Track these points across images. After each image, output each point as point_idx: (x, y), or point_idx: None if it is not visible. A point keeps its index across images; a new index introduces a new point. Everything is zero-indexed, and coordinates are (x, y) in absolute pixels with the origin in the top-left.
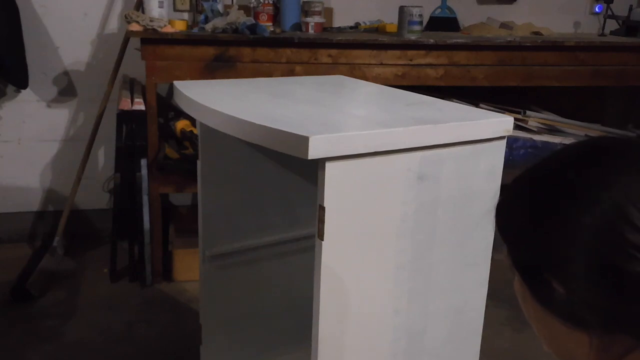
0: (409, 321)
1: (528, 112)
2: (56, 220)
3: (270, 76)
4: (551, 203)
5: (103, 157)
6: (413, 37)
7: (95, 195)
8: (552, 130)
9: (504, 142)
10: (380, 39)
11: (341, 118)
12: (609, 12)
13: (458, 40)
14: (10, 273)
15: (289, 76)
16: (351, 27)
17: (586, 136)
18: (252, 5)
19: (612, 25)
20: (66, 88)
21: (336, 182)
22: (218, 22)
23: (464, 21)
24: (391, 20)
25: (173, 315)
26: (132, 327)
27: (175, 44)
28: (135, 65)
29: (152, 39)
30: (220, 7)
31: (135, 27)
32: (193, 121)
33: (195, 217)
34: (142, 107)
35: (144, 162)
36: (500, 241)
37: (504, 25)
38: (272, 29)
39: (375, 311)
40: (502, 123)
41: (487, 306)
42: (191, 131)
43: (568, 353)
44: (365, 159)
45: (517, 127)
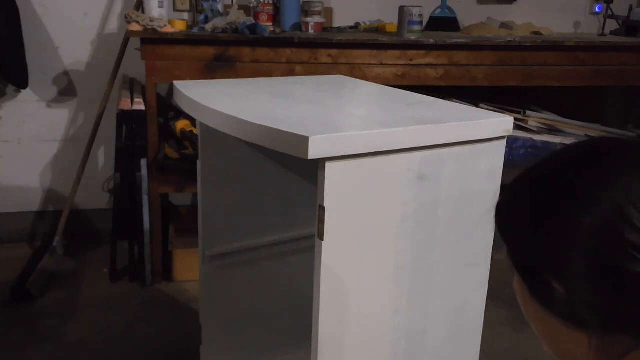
0: (409, 321)
1: (528, 112)
2: (56, 220)
3: (270, 76)
4: (551, 203)
5: (103, 157)
6: (413, 37)
7: (95, 195)
8: (552, 130)
9: (504, 142)
10: (380, 39)
11: (341, 118)
12: (609, 12)
13: (458, 40)
14: (10, 273)
15: (289, 76)
16: (351, 27)
17: (586, 136)
18: (252, 5)
19: (612, 25)
20: (66, 88)
21: (336, 182)
22: (218, 22)
23: (464, 21)
24: (391, 20)
25: (173, 315)
26: (132, 327)
27: (175, 44)
28: (135, 65)
29: (152, 39)
30: (220, 7)
31: (135, 27)
32: (193, 121)
33: (195, 217)
34: (142, 107)
35: (144, 162)
36: (500, 241)
37: (504, 25)
38: (272, 29)
39: (375, 311)
40: (502, 123)
41: (487, 306)
42: (191, 131)
43: (568, 353)
44: (365, 159)
45: (517, 127)
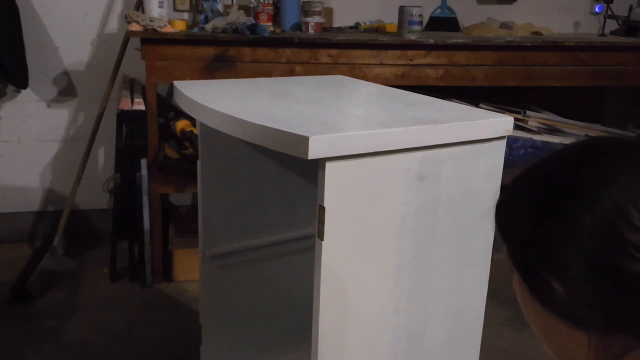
0: (409, 321)
1: (528, 112)
2: (56, 220)
3: (270, 76)
4: (551, 203)
5: (103, 157)
6: (413, 37)
7: (95, 195)
8: (552, 130)
9: (504, 142)
10: (380, 39)
11: (341, 118)
12: (609, 12)
13: (458, 40)
14: (10, 273)
15: (289, 76)
16: (351, 27)
17: (586, 136)
18: (252, 5)
19: (612, 25)
20: (66, 88)
21: (336, 182)
22: (218, 22)
23: (464, 21)
24: (391, 20)
25: (173, 315)
26: (132, 327)
27: (175, 44)
28: (135, 65)
29: (152, 39)
30: (220, 7)
31: (135, 27)
32: (193, 121)
33: (195, 217)
34: (142, 107)
35: (144, 162)
36: (500, 241)
37: (504, 25)
38: (272, 29)
39: (375, 311)
40: (502, 123)
41: (487, 306)
42: (191, 131)
43: (568, 352)
44: (365, 159)
45: (517, 127)
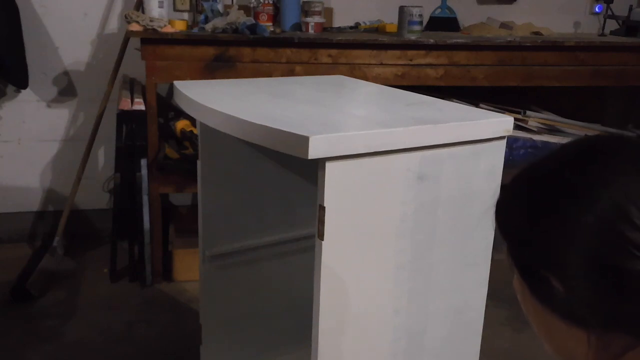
0: (409, 321)
1: (528, 112)
2: (56, 220)
3: (270, 76)
4: (549, 202)
5: (103, 157)
6: (413, 37)
7: (95, 195)
8: (552, 130)
9: (504, 142)
10: (380, 39)
11: (341, 118)
12: (609, 12)
13: (458, 40)
14: (10, 273)
15: (289, 76)
16: (351, 27)
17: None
18: (252, 5)
19: (612, 25)
20: (66, 88)
21: (336, 182)
22: (218, 22)
23: (464, 21)
24: (391, 20)
25: (173, 315)
26: (132, 327)
27: (175, 44)
28: (135, 65)
29: (152, 39)
30: (220, 7)
31: (135, 27)
32: (193, 121)
33: (195, 217)
34: (142, 107)
35: (144, 162)
36: (500, 241)
37: (504, 25)
38: (272, 29)
39: (375, 311)
40: (502, 123)
41: (487, 306)
42: (191, 131)
43: (567, 351)
44: (365, 159)
45: (517, 127)
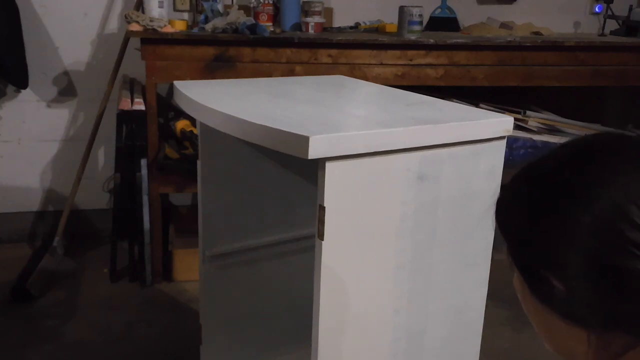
0: (409, 321)
1: (528, 112)
2: (56, 220)
3: (270, 76)
4: (548, 201)
5: (103, 157)
6: (413, 37)
7: (95, 195)
8: (552, 130)
9: (504, 142)
10: (380, 39)
11: (341, 118)
12: (609, 12)
13: (458, 40)
14: (10, 273)
15: (289, 76)
16: (351, 27)
17: None
18: (252, 5)
19: (612, 25)
20: (66, 88)
21: (336, 182)
22: (218, 22)
23: (464, 21)
24: (391, 20)
25: (173, 315)
26: (132, 327)
27: (175, 44)
28: (135, 65)
29: (152, 39)
30: (220, 7)
31: (135, 27)
32: (193, 121)
33: (195, 217)
34: (142, 107)
35: (144, 162)
36: (500, 241)
37: (504, 25)
38: (272, 29)
39: (375, 311)
40: (502, 123)
41: (487, 306)
42: (191, 131)
43: (568, 350)
44: (365, 159)
45: (517, 127)
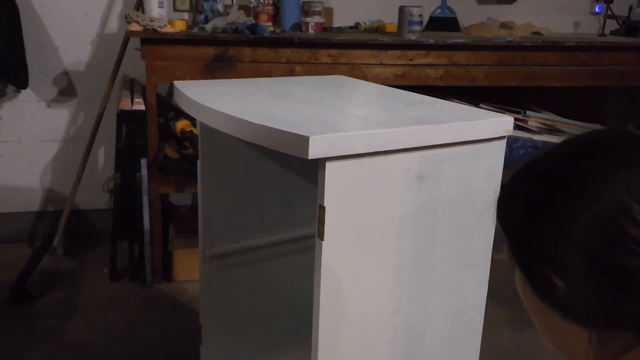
0: (409, 321)
1: (528, 112)
2: (56, 220)
3: (270, 76)
4: (548, 199)
5: (103, 157)
6: (413, 37)
7: (95, 195)
8: (552, 130)
9: (504, 142)
10: (380, 39)
11: (341, 118)
12: (609, 12)
13: (458, 40)
14: (10, 273)
15: (289, 76)
16: (351, 27)
17: None
18: (252, 5)
19: (612, 25)
20: (66, 88)
21: (336, 182)
22: (218, 22)
23: (464, 21)
24: (391, 20)
25: (173, 315)
26: (132, 327)
27: (175, 44)
28: (135, 65)
29: (152, 39)
30: (220, 7)
31: (135, 27)
32: (193, 121)
33: (195, 217)
34: (142, 107)
35: (144, 162)
36: (500, 241)
37: (504, 25)
38: (272, 29)
39: (375, 311)
40: (502, 123)
41: (487, 306)
42: (191, 131)
43: (568, 348)
44: (365, 159)
45: (517, 127)
